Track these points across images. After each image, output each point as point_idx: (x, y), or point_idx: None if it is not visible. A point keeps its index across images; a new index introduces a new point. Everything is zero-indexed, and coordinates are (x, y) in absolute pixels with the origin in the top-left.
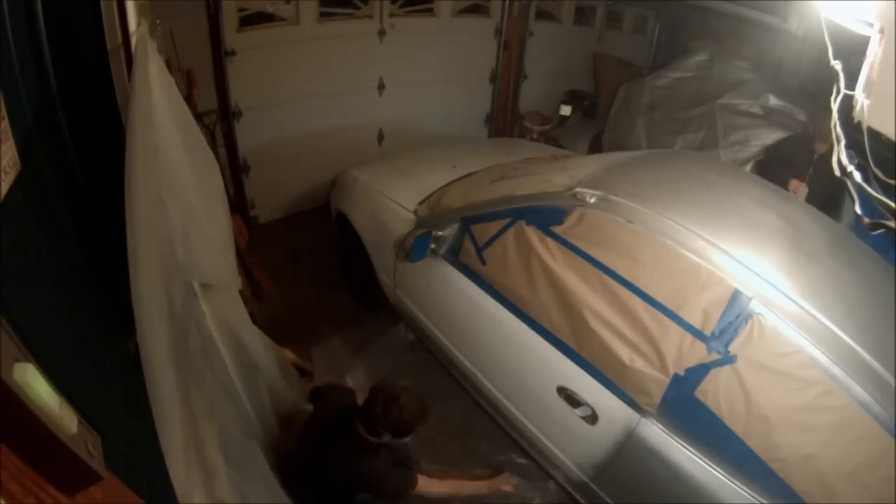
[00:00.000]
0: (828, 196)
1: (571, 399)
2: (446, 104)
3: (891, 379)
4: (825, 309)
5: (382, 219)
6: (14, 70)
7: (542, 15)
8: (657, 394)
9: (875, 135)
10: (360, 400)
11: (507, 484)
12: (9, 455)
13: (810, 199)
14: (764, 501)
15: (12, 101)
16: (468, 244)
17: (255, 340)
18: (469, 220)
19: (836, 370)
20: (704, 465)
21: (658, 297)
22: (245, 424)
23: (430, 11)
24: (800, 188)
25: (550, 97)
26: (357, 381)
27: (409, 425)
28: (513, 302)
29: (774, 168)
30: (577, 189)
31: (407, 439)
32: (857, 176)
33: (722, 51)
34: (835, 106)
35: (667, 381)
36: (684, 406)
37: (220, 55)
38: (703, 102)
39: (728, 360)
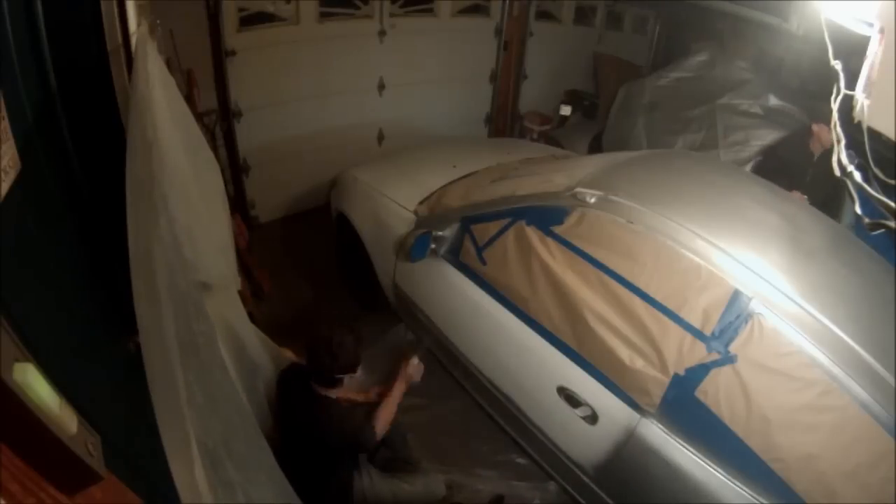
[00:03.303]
0: (827, 197)
1: (571, 399)
2: (446, 104)
3: (891, 379)
4: (825, 309)
5: (382, 219)
6: (14, 70)
7: (542, 15)
8: (657, 394)
9: (875, 135)
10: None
11: (410, 368)
12: (9, 455)
13: (811, 201)
14: (764, 501)
15: (12, 101)
16: (468, 244)
17: (255, 340)
18: (469, 220)
19: (837, 370)
20: (704, 464)
21: (658, 297)
22: (248, 424)
23: (430, 11)
24: (802, 199)
25: (550, 97)
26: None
27: (358, 357)
28: (513, 302)
29: (773, 169)
30: (578, 189)
31: (359, 372)
32: (857, 176)
33: (722, 51)
34: (835, 106)
35: (667, 381)
36: (684, 406)
37: (220, 55)
38: (703, 102)
39: (728, 360)
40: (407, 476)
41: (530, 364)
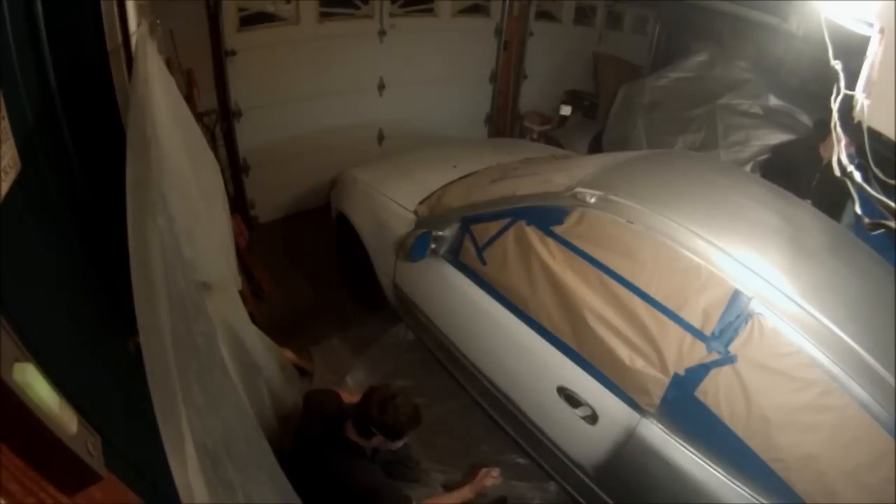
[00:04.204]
0: (834, 203)
1: (571, 399)
2: (446, 104)
3: (891, 379)
4: (825, 309)
5: (382, 219)
6: (14, 70)
7: (542, 15)
8: (657, 394)
9: (875, 135)
10: (353, 398)
11: (488, 479)
12: (9, 455)
13: (817, 206)
14: (764, 501)
15: (12, 101)
16: (468, 244)
17: (255, 340)
18: (469, 220)
19: (837, 370)
20: (704, 464)
21: (658, 297)
22: (249, 425)
23: (430, 11)
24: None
25: (550, 97)
26: (357, 381)
27: (402, 427)
28: (513, 302)
29: (778, 172)
30: (578, 189)
31: (398, 444)
32: (857, 176)
33: (722, 51)
34: (835, 106)
35: (667, 381)
36: (684, 406)
37: (220, 55)
38: (703, 102)
39: (728, 360)
40: (407, 485)
41: (530, 364)
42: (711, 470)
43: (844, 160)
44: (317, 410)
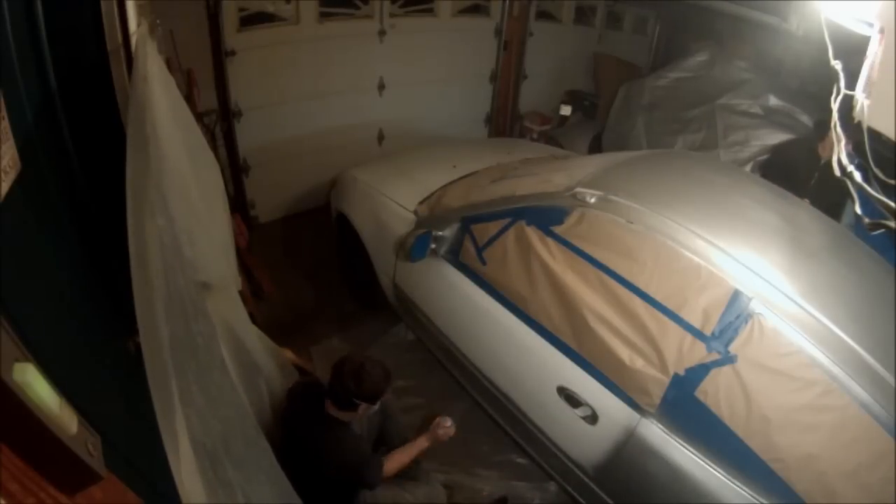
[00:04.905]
0: (833, 203)
1: (571, 399)
2: (446, 104)
3: (891, 379)
4: (825, 309)
5: (382, 219)
6: (14, 70)
7: (542, 15)
8: (657, 394)
9: (875, 135)
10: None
11: (441, 428)
12: (9, 455)
13: (816, 205)
14: (764, 501)
15: (12, 101)
16: (468, 244)
17: (255, 340)
18: (469, 220)
19: (837, 370)
20: (704, 465)
21: (658, 297)
22: (248, 424)
23: (430, 11)
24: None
25: (550, 97)
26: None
27: (380, 389)
28: (513, 302)
29: (777, 171)
30: (577, 189)
31: (378, 405)
32: (857, 176)
33: (722, 51)
34: (835, 106)
35: (667, 381)
36: (684, 406)
37: (220, 55)
38: (702, 102)
39: (728, 360)
40: (408, 483)
41: (530, 364)
42: (711, 470)
43: (845, 160)
44: (297, 395)
